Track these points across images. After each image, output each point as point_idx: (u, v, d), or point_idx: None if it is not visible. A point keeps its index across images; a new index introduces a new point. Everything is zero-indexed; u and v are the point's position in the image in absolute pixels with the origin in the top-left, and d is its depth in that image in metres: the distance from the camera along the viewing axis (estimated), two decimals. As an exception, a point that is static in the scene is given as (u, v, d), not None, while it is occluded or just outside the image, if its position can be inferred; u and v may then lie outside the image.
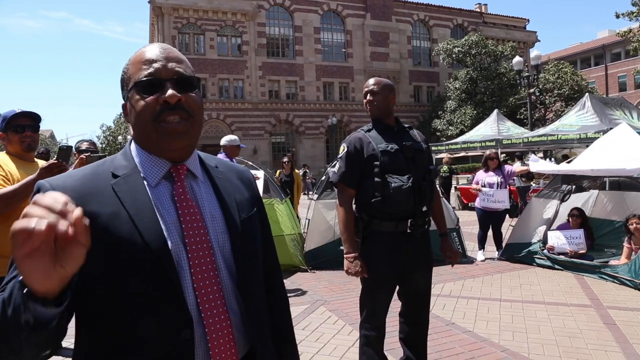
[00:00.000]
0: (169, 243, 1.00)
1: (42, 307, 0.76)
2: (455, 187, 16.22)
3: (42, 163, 2.94)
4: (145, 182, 1.05)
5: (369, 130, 2.75)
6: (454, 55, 31.56)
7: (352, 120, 35.97)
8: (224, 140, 5.69)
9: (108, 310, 0.98)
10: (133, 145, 1.11)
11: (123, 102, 1.12)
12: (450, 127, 30.62)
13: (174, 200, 1.05)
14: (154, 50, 1.08)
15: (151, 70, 1.04)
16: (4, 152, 2.77)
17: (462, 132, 25.29)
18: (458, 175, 19.70)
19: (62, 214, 0.72)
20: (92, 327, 1.01)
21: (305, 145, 34.93)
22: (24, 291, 0.76)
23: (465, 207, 14.46)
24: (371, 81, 2.79)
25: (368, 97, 2.73)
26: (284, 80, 35.11)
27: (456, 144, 15.65)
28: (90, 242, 0.87)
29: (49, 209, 0.71)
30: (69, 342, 3.84)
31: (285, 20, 35.55)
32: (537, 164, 6.67)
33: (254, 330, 1.10)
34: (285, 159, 9.16)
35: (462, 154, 18.33)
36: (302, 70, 35.55)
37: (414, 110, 37.95)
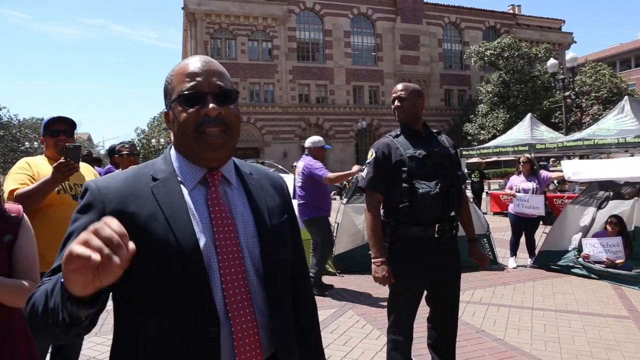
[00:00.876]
0: (201, 244, 1.05)
1: (77, 308, 0.85)
2: (487, 193, 15.91)
3: (81, 165, 3.10)
4: (182, 186, 1.11)
5: (397, 136, 2.75)
6: (486, 58, 31.06)
7: (382, 124, 35.83)
8: (308, 142, 5.58)
9: (140, 305, 1.05)
10: (173, 151, 1.18)
11: (165, 110, 1.18)
12: (482, 132, 30.11)
13: (208, 204, 1.10)
14: (196, 64, 1.13)
15: (194, 83, 1.10)
16: (43, 155, 2.92)
17: (494, 137, 24.81)
18: (490, 180, 19.35)
19: (117, 246, 0.78)
20: (125, 321, 1.09)
21: (335, 149, 34.97)
22: (63, 292, 0.84)
23: (496, 213, 14.18)
24: (399, 87, 2.80)
25: (396, 102, 2.74)
26: (314, 84, 35.31)
27: (488, 148, 15.35)
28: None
29: (107, 240, 0.77)
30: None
31: (316, 24, 35.77)
32: (573, 168, 6.44)
33: (279, 332, 1.14)
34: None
35: (494, 158, 17.99)
36: (332, 74, 35.67)
37: (445, 114, 37.50)
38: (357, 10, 36.39)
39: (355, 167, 5.02)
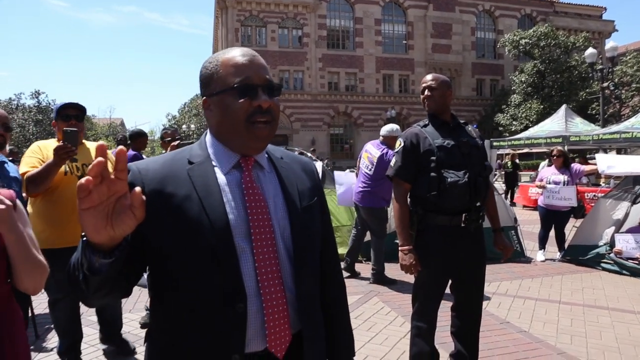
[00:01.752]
0: (233, 224, 1.12)
1: (92, 254, 0.92)
2: (517, 186, 15.64)
3: (92, 145, 3.20)
4: (215, 170, 1.18)
5: (425, 126, 2.77)
6: (520, 47, 30.20)
7: (412, 113, 35.46)
8: (384, 130, 5.45)
9: (173, 279, 1.13)
10: (208, 137, 1.24)
11: (205, 97, 1.22)
12: (514, 122, 29.42)
13: (241, 187, 1.17)
14: (245, 56, 1.18)
15: (246, 76, 1.15)
16: (56, 138, 3.10)
17: (526, 128, 24.22)
18: (521, 172, 18.95)
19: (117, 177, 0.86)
20: (159, 296, 1.18)
21: (363, 138, 34.78)
22: (83, 240, 0.93)
23: (525, 206, 13.94)
24: (429, 77, 2.81)
25: (426, 92, 2.76)
26: (344, 72, 35.15)
27: (519, 139, 15.01)
28: (164, 218, 1.09)
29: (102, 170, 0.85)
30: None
31: (346, 12, 35.49)
32: (607, 162, 6.28)
33: (305, 311, 1.20)
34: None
35: (526, 150, 17.58)
36: (362, 62, 35.41)
37: (476, 104, 36.80)
38: (388, -2, 35.91)
39: None
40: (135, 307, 4.71)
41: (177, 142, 3.76)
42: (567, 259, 6.65)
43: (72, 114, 2.96)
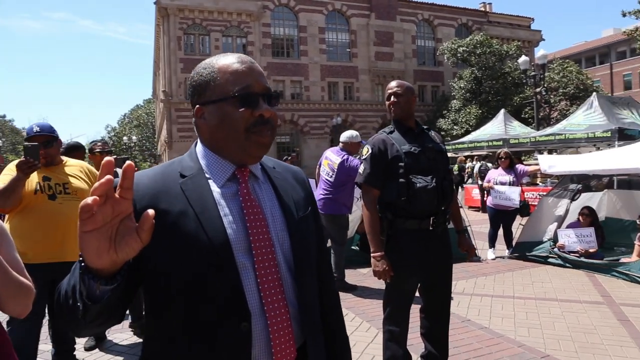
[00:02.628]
0: (233, 239, 1.07)
1: (93, 281, 0.85)
2: (462, 187, 16.28)
3: (74, 163, 3.17)
4: (209, 182, 1.13)
5: (391, 132, 2.84)
6: (458, 55, 31.58)
7: (357, 120, 36.05)
8: (344, 137, 5.37)
9: (171, 300, 1.06)
10: (199, 147, 1.19)
11: (198, 105, 1.15)
12: (455, 127, 30.65)
13: (239, 200, 1.12)
14: (243, 63, 1.14)
15: (246, 84, 1.11)
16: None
17: (467, 132, 25.30)
18: (464, 174, 19.74)
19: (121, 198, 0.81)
20: (157, 314, 1.10)
21: (309, 145, 35.00)
22: (81, 264, 0.85)
23: (470, 207, 14.53)
24: (394, 84, 2.87)
25: (392, 98, 2.81)
26: (289, 80, 35.21)
27: (463, 143, 15.70)
28: (160, 236, 0.99)
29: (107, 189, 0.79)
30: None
31: (290, 20, 35.65)
32: (549, 162, 6.69)
33: (308, 323, 1.17)
34: (289, 158, 9.06)
35: (467, 153, 18.36)
36: (307, 70, 35.64)
37: (419, 110, 37.91)
38: (331, 7, 36.44)
39: None
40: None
41: (115, 157, 3.70)
42: (515, 256, 6.99)
43: (40, 141, 2.94)
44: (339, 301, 1.42)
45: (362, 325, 4.37)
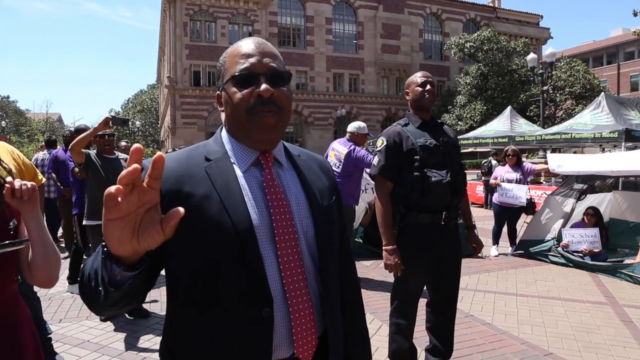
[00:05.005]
0: (257, 225, 1.07)
1: (115, 266, 0.85)
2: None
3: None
4: (234, 167, 1.12)
5: (405, 125, 2.81)
6: (465, 50, 31.38)
7: (361, 112, 35.94)
8: (352, 127, 5.36)
9: (192, 285, 1.06)
10: (224, 133, 1.18)
11: (218, 92, 1.18)
12: (459, 122, 30.54)
13: (262, 186, 1.12)
14: (249, 45, 1.13)
15: (247, 64, 1.10)
16: None
17: (471, 128, 25.23)
18: (466, 171, 19.70)
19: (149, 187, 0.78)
20: (178, 299, 1.10)
21: (313, 136, 34.96)
22: (104, 249, 0.85)
23: (472, 203, 14.51)
24: (424, 73, 2.81)
25: (428, 86, 2.73)
26: (294, 70, 35.01)
27: (468, 139, 15.63)
28: (183, 219, 0.96)
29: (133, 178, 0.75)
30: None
31: (297, 9, 35.42)
32: (557, 161, 6.65)
33: (329, 312, 1.16)
34: None
35: (471, 149, 18.31)
36: (313, 60, 35.48)
37: (424, 104, 37.83)
38: (339, -3, 36.21)
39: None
40: (92, 314, 4.48)
41: (112, 115, 3.77)
42: (518, 254, 6.99)
43: None
44: (359, 290, 1.40)
45: (366, 317, 4.38)
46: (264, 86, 1.08)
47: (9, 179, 1.42)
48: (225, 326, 1.05)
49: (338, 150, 5.42)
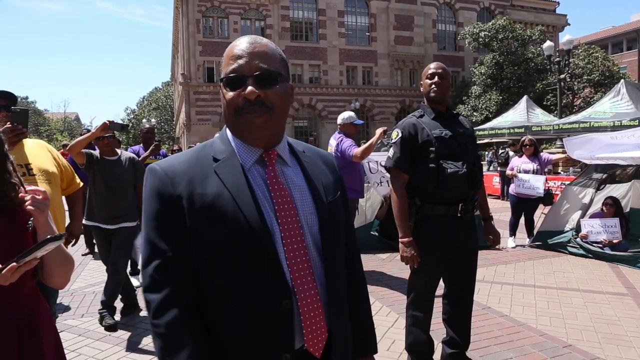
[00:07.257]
0: (266, 221, 1.10)
1: None
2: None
3: (31, 143, 2.70)
4: (241, 165, 1.14)
5: (420, 116, 2.79)
6: (480, 40, 30.91)
7: (375, 105, 35.77)
8: (339, 119, 5.38)
9: (214, 280, 1.09)
10: (228, 131, 1.21)
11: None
12: (475, 113, 30.16)
13: (267, 183, 1.14)
14: (241, 46, 1.14)
15: (235, 66, 1.12)
16: None
17: (486, 119, 24.92)
18: (482, 162, 19.51)
19: None
20: (200, 295, 1.12)
21: (327, 130, 34.84)
22: None
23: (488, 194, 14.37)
24: (435, 65, 2.78)
25: (436, 79, 2.70)
26: (307, 64, 35.00)
27: (484, 130, 15.45)
28: (199, 220, 1.06)
29: None
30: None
31: (309, 3, 35.28)
32: (575, 144, 6.43)
33: (337, 305, 1.19)
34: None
35: (487, 140, 18.10)
36: (326, 54, 35.35)
37: (438, 96, 37.43)
38: (351, -11, 35.94)
39: (380, 130, 4.82)
40: (76, 313, 4.56)
41: (109, 120, 3.82)
42: (536, 245, 6.91)
43: (2, 103, 2.58)
44: (365, 286, 1.41)
45: (382, 309, 4.39)
46: (249, 89, 1.10)
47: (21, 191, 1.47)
48: (250, 316, 1.08)
49: (331, 144, 5.44)
